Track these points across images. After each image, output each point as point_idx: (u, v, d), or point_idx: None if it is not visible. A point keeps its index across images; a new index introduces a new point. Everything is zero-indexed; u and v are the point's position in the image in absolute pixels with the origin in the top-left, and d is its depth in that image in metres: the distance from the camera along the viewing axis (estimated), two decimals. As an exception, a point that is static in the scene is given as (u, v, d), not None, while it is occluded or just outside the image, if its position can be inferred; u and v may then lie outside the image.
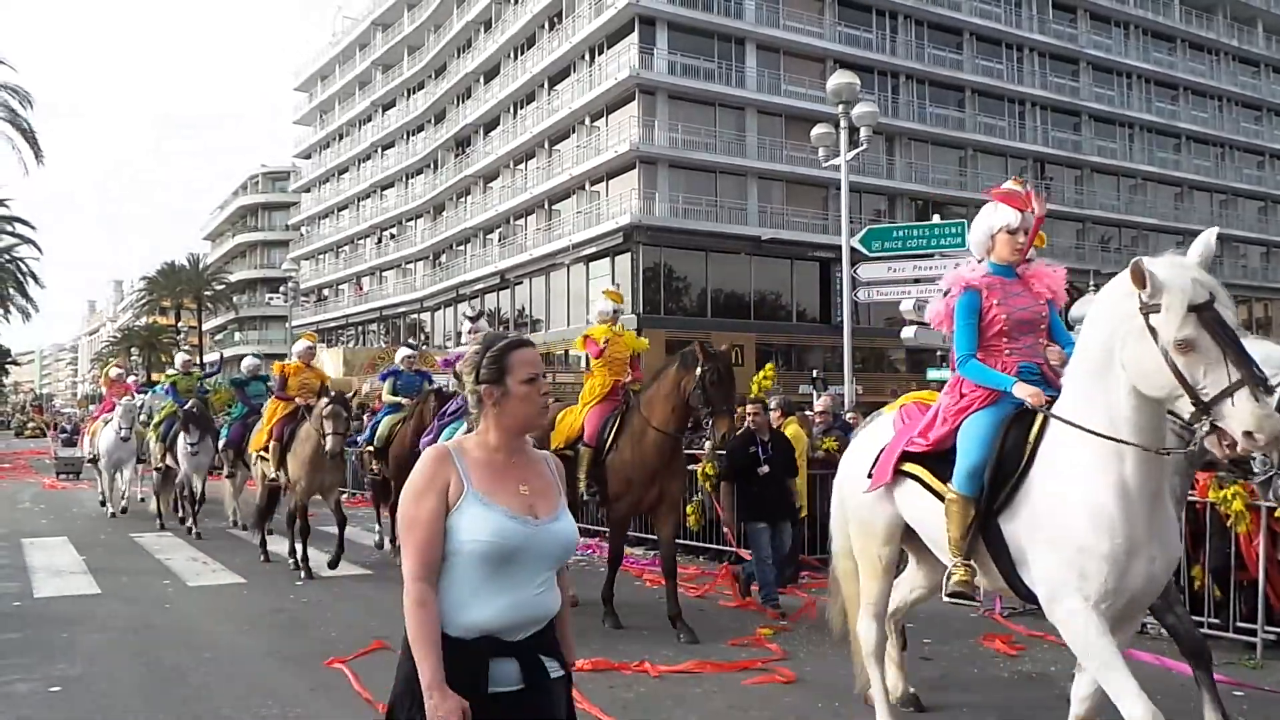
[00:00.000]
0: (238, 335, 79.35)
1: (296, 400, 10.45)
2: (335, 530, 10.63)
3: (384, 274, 60.51)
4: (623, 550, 8.31)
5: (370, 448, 11.08)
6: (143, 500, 16.97)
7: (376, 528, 12.33)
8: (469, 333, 10.43)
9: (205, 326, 77.62)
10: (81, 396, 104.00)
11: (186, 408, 13.25)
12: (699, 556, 10.89)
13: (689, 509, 10.29)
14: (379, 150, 60.51)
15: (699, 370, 7.31)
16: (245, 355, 14.56)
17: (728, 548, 10.15)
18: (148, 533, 13.93)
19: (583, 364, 38.35)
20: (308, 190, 70.77)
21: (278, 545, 11.37)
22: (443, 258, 53.66)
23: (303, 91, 70.82)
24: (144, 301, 77.59)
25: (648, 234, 37.80)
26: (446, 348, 44.43)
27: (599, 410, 8.26)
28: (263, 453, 10.84)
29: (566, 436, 8.30)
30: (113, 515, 15.62)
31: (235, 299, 76.06)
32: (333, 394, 10.06)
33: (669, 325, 35.62)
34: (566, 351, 36.84)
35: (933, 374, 18.63)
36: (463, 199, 52.01)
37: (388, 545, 11.37)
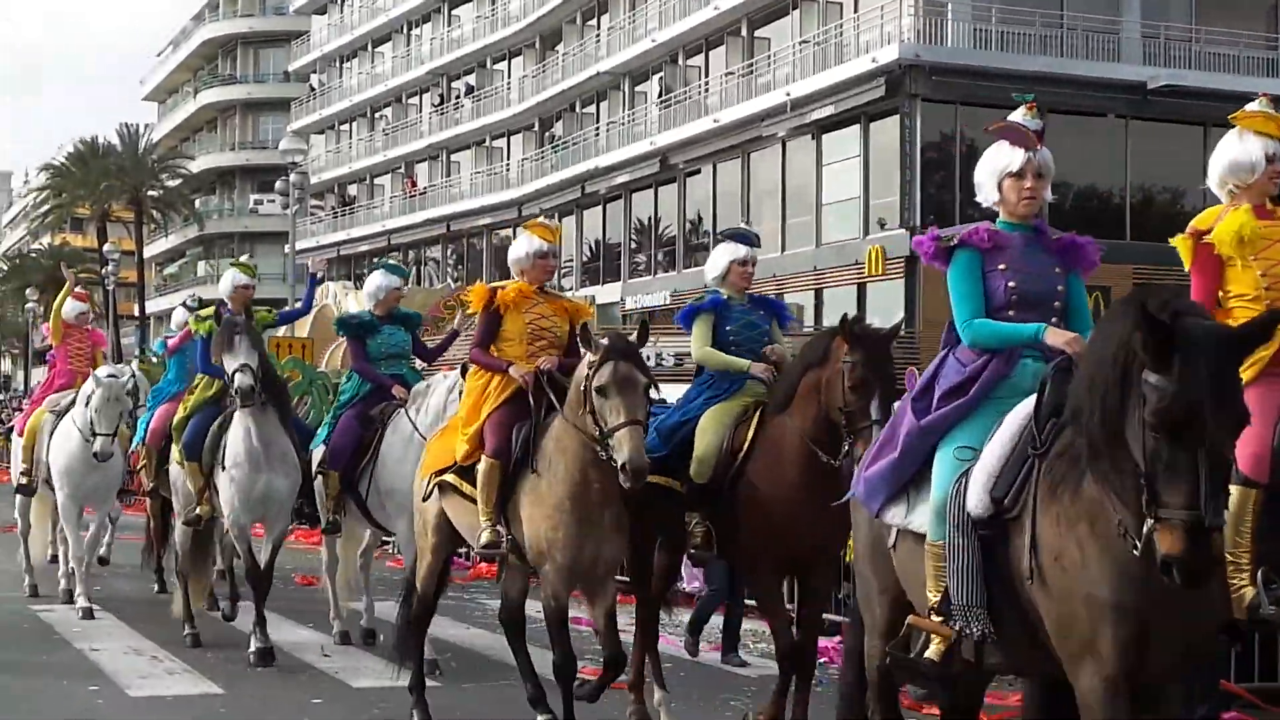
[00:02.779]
0: (202, 266, 78.44)
1: (517, 375, 9.00)
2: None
3: (453, 158, 60.49)
4: None
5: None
6: (103, 563, 17.04)
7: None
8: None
9: (149, 251, 76.86)
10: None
11: (230, 320, 11.87)
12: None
13: None
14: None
15: None
16: (374, 272, 13.17)
17: None
18: (59, 605, 14.60)
19: (809, 317, 39.07)
20: (321, 11, 71.26)
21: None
22: (556, 127, 53.40)
23: None
24: (46, 208, 76.04)
25: (931, 80, 36.66)
26: (562, 288, 44.62)
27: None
28: (448, 478, 9.32)
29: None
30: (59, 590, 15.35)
31: (199, 203, 76.11)
32: (608, 337, 8.59)
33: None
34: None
35: None
36: (589, 23, 51.72)
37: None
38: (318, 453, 12.46)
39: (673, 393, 11.22)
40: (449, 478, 9.20)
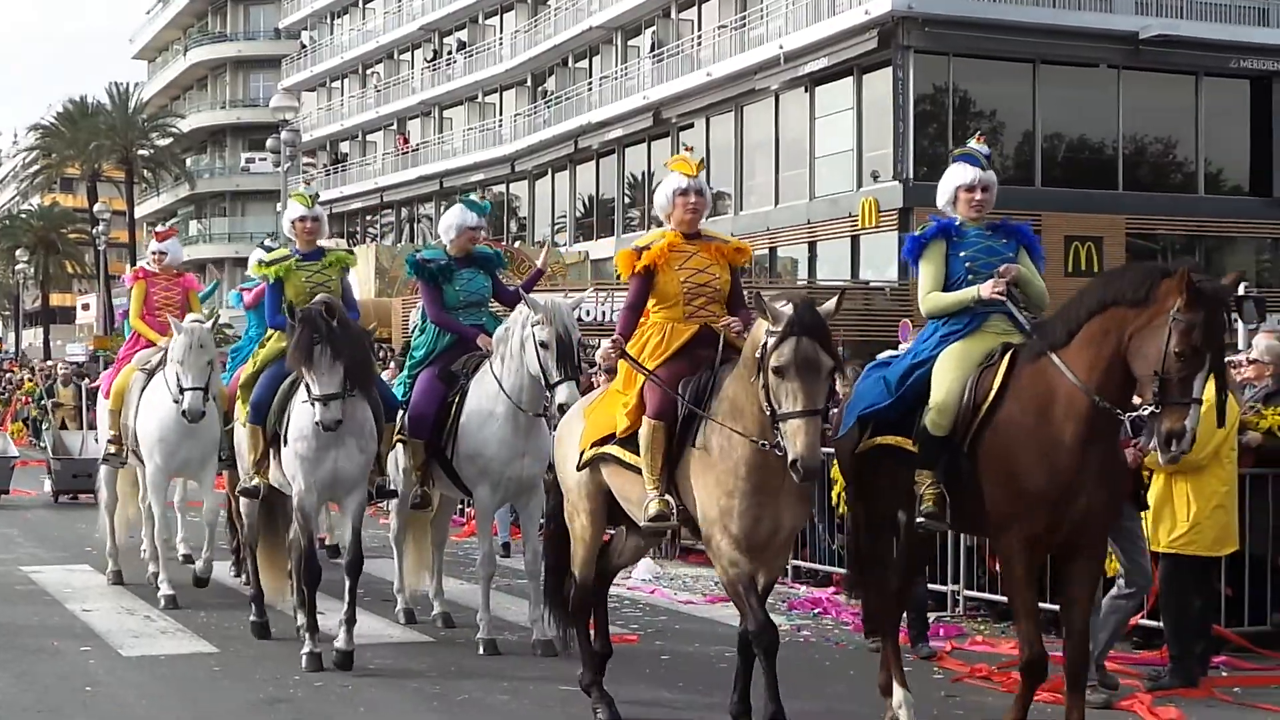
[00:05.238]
0: (194, 226, 79.12)
1: (601, 354, 11.06)
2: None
3: (446, 114, 60.98)
4: None
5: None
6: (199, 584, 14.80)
7: None
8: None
9: (140, 211, 76.11)
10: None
11: (308, 307, 10.35)
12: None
13: None
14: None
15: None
16: (451, 208, 12.02)
17: None
18: (49, 565, 15.13)
19: (802, 270, 40.79)
20: (311, -33, 72.06)
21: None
22: (549, 83, 53.71)
23: None
24: (36, 168, 76.14)
25: (924, 32, 37.32)
26: (558, 245, 46.36)
27: None
28: (610, 449, 8.46)
29: None
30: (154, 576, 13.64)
31: (189, 162, 75.80)
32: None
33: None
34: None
35: None
36: (582, -21, 52.05)
37: None
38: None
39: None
40: (611, 449, 8.31)
